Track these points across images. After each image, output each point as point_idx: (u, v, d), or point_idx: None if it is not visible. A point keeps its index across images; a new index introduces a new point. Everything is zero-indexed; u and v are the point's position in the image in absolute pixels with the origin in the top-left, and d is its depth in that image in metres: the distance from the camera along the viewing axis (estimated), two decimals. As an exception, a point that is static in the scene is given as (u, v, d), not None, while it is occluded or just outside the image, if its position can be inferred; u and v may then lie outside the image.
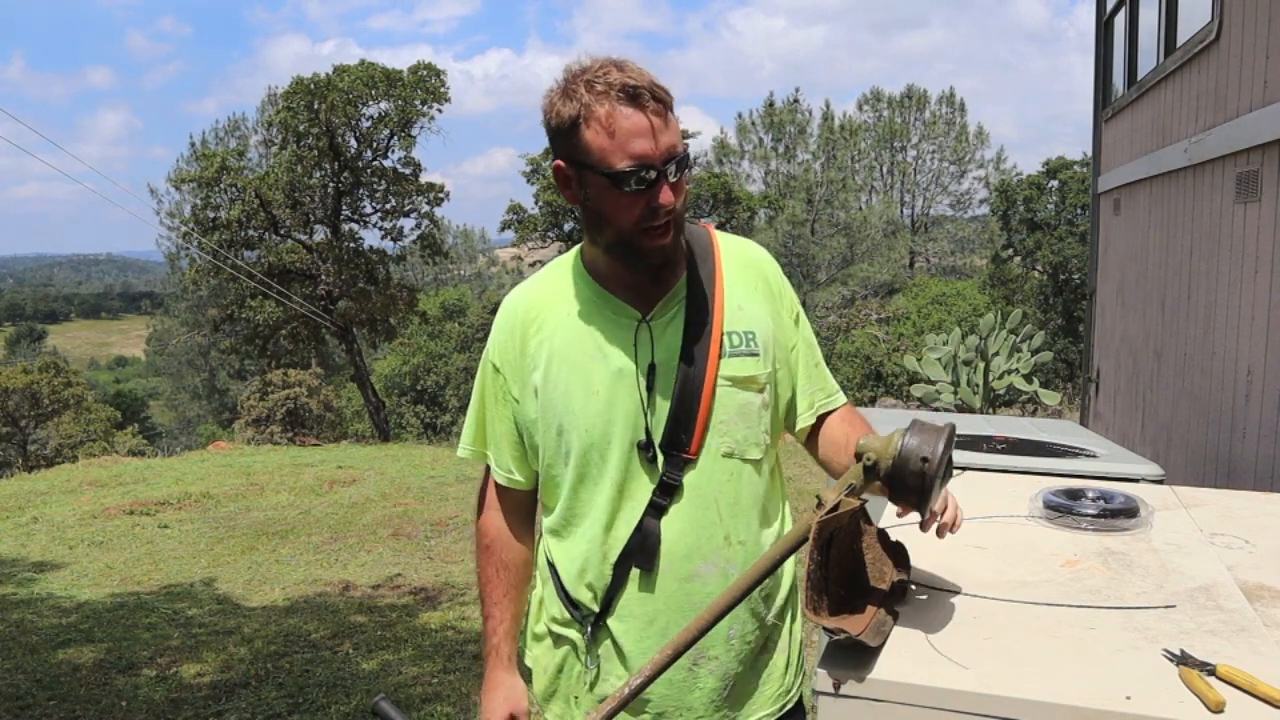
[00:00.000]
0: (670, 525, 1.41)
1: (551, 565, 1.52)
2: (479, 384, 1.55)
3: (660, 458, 1.40)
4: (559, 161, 1.37)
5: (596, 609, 1.46)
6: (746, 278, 1.50)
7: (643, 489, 1.41)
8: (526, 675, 1.63)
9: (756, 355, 1.45)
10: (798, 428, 1.55)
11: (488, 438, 1.55)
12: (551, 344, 1.44)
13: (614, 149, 1.30)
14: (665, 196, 1.32)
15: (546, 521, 1.54)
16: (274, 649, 4.56)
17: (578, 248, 1.52)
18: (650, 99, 1.30)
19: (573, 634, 1.50)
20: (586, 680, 1.49)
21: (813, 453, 1.60)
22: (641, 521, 1.41)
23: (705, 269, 1.46)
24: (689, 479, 1.41)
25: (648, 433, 1.40)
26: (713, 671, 1.45)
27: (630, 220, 1.33)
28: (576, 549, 1.46)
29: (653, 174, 1.31)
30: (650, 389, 1.40)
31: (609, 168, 1.30)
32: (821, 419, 1.56)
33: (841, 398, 1.60)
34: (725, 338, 1.43)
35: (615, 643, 1.45)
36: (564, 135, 1.34)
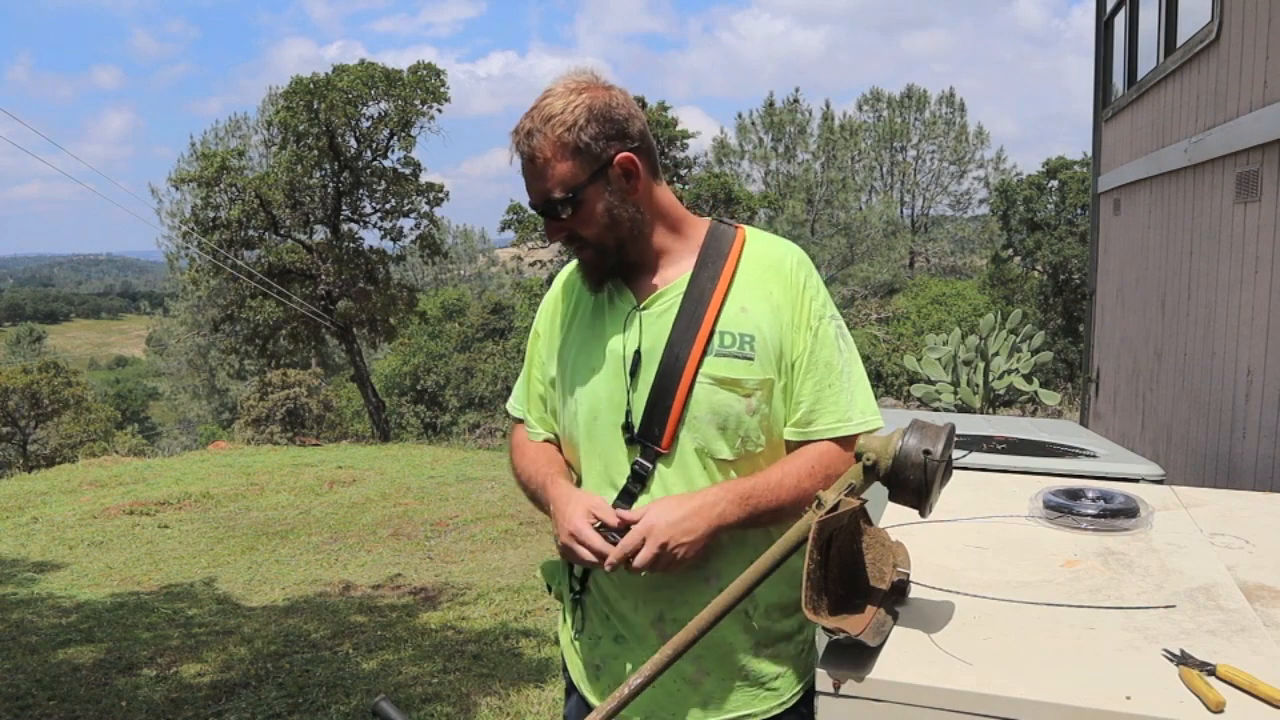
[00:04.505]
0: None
1: None
2: (528, 346, 1.64)
3: (637, 445, 1.44)
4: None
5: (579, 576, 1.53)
6: (763, 281, 1.46)
7: (621, 473, 1.45)
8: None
9: (750, 359, 1.42)
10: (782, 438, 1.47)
11: (529, 396, 1.63)
12: (573, 318, 1.53)
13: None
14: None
15: None
16: (274, 649, 4.56)
17: None
18: None
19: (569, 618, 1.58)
20: (579, 648, 1.56)
21: None
22: (615, 504, 1.43)
23: (712, 268, 1.46)
24: (660, 470, 1.44)
25: (628, 416, 1.43)
26: (708, 672, 1.45)
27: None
28: None
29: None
30: (634, 375, 1.43)
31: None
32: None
33: (848, 429, 1.45)
34: (716, 336, 1.42)
35: (596, 605, 1.52)
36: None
